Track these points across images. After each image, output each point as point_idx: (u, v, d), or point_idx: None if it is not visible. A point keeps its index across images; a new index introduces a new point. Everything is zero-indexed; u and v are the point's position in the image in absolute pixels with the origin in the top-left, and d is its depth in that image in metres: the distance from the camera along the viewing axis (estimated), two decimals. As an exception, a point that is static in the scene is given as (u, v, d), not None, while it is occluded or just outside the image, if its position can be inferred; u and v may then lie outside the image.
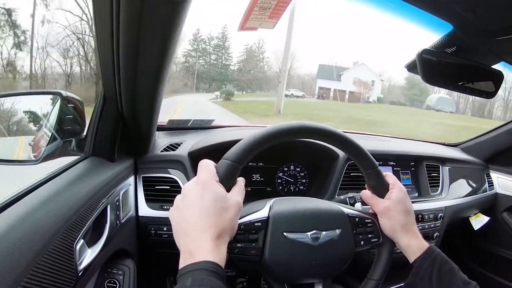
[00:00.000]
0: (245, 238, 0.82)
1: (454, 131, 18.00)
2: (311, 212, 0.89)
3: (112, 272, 1.11)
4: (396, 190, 0.94)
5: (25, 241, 0.67)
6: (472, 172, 2.10)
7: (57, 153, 1.06)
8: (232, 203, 0.72)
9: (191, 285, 0.60)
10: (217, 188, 0.72)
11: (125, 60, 0.92)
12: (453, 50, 0.90)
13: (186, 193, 0.73)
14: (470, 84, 0.95)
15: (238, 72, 60.77)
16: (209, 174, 0.74)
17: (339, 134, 0.89)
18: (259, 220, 0.84)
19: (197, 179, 0.74)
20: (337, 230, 0.87)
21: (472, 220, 2.04)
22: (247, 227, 0.83)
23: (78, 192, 0.92)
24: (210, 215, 0.69)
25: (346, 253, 0.89)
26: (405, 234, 0.91)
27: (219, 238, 0.68)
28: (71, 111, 1.08)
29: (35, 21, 22.72)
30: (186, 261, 0.65)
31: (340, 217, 0.90)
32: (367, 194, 0.97)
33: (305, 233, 0.84)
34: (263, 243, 0.83)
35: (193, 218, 0.70)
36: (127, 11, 0.77)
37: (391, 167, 1.79)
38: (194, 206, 0.70)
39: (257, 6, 0.79)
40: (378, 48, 59.59)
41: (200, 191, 0.71)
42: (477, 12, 0.70)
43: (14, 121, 1.18)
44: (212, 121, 1.85)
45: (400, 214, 0.91)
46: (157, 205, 1.37)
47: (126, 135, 1.23)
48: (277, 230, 0.84)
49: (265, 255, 0.82)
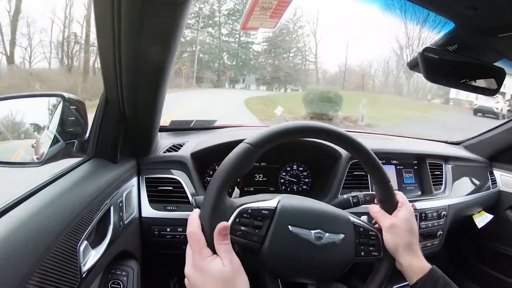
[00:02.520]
0: (249, 223, 0.82)
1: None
2: (319, 212, 0.89)
3: (116, 273, 1.11)
4: (405, 208, 0.94)
5: (29, 243, 0.68)
6: (475, 170, 2.10)
7: (59, 155, 1.06)
8: (231, 272, 0.73)
9: None
10: (212, 265, 0.73)
11: (127, 61, 0.92)
12: (455, 48, 0.90)
13: (190, 280, 0.75)
14: (473, 81, 0.95)
15: (265, 56, 47.94)
16: (200, 251, 0.75)
17: (359, 143, 0.90)
18: (267, 209, 0.84)
19: (192, 263, 0.75)
20: (341, 234, 0.87)
21: (475, 218, 2.04)
22: (254, 212, 0.82)
23: (81, 193, 0.92)
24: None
25: (345, 260, 0.89)
26: (408, 253, 0.90)
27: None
28: (74, 113, 1.08)
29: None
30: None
31: (346, 223, 0.90)
32: (375, 209, 0.97)
33: (309, 230, 0.84)
34: (266, 231, 0.82)
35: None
36: (128, 13, 0.77)
37: (394, 166, 1.79)
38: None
39: (258, 6, 0.79)
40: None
41: (201, 277, 0.73)
42: (478, 9, 0.70)
43: (16, 124, 1.18)
44: (215, 121, 1.85)
45: (405, 232, 0.91)
46: (161, 205, 1.37)
47: (129, 136, 1.23)
48: (282, 222, 0.84)
49: (266, 244, 0.82)
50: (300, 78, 49.40)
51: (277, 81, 48.77)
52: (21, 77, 18.49)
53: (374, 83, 42.87)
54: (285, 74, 48.70)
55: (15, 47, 21.76)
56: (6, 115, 1.16)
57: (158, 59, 0.93)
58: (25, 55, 23.51)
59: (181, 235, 1.35)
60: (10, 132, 1.16)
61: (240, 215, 0.81)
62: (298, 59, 49.98)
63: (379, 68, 42.33)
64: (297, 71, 49.81)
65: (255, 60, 49.95)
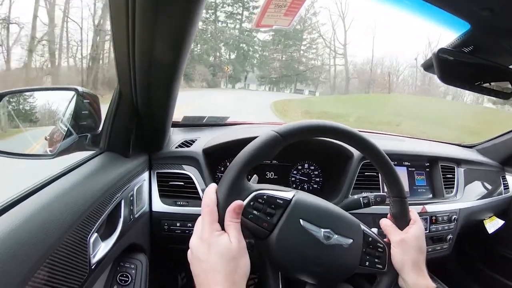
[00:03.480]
0: (263, 208, 0.81)
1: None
2: (332, 212, 0.89)
3: (125, 266, 1.12)
4: (416, 226, 0.94)
5: (40, 234, 0.68)
6: (488, 174, 2.07)
7: (72, 148, 1.08)
8: (236, 250, 0.73)
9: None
10: (219, 240, 0.73)
11: (141, 56, 0.93)
12: (470, 50, 0.89)
13: (193, 251, 0.76)
14: (487, 84, 0.94)
15: (272, 50, 43.23)
16: (210, 224, 0.75)
17: (386, 157, 0.91)
18: (282, 199, 0.84)
19: (200, 235, 0.75)
20: (350, 239, 0.86)
21: (486, 223, 2.01)
22: (269, 199, 0.82)
23: (92, 186, 0.93)
24: (220, 268, 0.71)
25: (348, 265, 0.88)
26: (414, 271, 0.89)
27: (234, 284, 0.70)
28: (87, 107, 1.09)
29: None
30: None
31: (357, 230, 0.89)
32: (386, 222, 0.96)
33: (319, 228, 0.84)
34: (277, 220, 0.82)
35: (204, 274, 0.72)
36: (142, 7, 0.77)
37: (406, 168, 1.77)
38: (202, 264, 0.73)
39: (273, 4, 0.79)
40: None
41: (205, 248, 0.73)
42: (494, 10, 0.69)
43: (31, 116, 1.20)
44: (227, 118, 1.86)
45: (414, 250, 0.90)
46: (171, 200, 1.38)
47: (141, 131, 1.24)
48: (295, 214, 0.83)
49: (275, 233, 0.81)
50: (315, 77, 45.24)
51: (286, 80, 44.38)
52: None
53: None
54: (298, 71, 44.16)
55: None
56: (21, 108, 1.18)
57: (172, 54, 0.93)
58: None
59: (190, 230, 1.35)
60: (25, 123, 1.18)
61: (255, 199, 0.82)
62: (311, 53, 45.36)
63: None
64: (311, 68, 45.22)
65: (260, 53, 44.42)
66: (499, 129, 2.17)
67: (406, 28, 46.44)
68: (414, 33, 44.54)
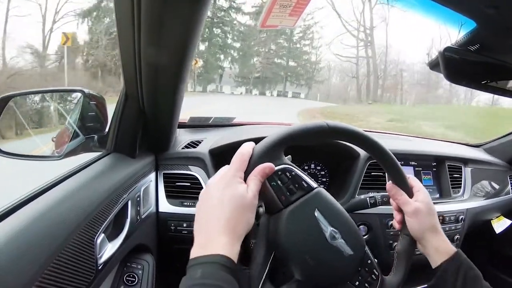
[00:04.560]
0: (287, 183, 0.82)
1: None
2: (346, 219, 0.88)
3: (132, 266, 1.13)
4: (423, 192, 0.94)
5: (47, 234, 0.69)
6: (495, 174, 2.06)
7: (79, 149, 1.09)
8: (249, 202, 0.72)
9: (201, 277, 0.61)
10: (238, 186, 0.73)
11: (147, 57, 0.93)
12: (476, 48, 0.89)
13: (209, 187, 0.75)
14: (494, 83, 0.93)
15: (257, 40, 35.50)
16: (235, 169, 0.76)
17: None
18: (308, 183, 0.84)
19: (221, 175, 0.75)
20: (351, 250, 0.86)
21: (493, 223, 2.00)
22: (296, 177, 0.83)
23: (99, 187, 0.93)
24: (227, 210, 0.70)
25: (340, 274, 0.87)
26: (434, 235, 0.90)
27: (234, 233, 0.69)
28: (93, 108, 1.10)
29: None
30: (197, 252, 0.66)
31: (361, 246, 0.88)
32: (396, 191, 0.95)
33: (329, 225, 0.84)
34: (295, 199, 0.82)
35: (210, 211, 0.71)
36: (148, 9, 0.77)
37: (413, 167, 1.77)
38: (213, 200, 0.72)
39: (278, 4, 0.79)
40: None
41: (222, 186, 0.72)
42: (500, 8, 0.69)
43: (38, 118, 1.21)
44: (233, 118, 1.86)
45: (429, 215, 0.91)
46: (178, 201, 1.39)
47: (148, 132, 1.25)
48: (313, 202, 0.83)
49: (287, 210, 0.81)
50: (311, 77, 38.37)
51: (274, 80, 36.46)
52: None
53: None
54: (289, 68, 36.50)
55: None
56: (28, 110, 1.19)
57: (178, 56, 0.94)
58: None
59: (197, 231, 1.35)
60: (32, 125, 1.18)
61: (284, 170, 0.82)
62: (304, 45, 38.07)
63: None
64: (304, 65, 38.25)
65: (242, 42, 35.56)
66: None
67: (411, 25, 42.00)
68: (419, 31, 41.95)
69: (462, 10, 0.74)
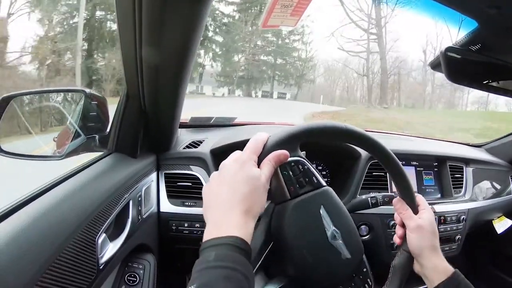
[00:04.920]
0: (298, 175, 0.83)
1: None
2: (350, 222, 0.88)
3: (133, 266, 1.13)
4: (428, 211, 0.94)
5: (49, 234, 0.69)
6: (496, 174, 2.06)
7: (80, 149, 1.09)
8: (262, 185, 0.73)
9: (215, 260, 0.61)
10: (252, 168, 0.73)
11: (148, 57, 0.93)
12: (477, 48, 0.89)
13: (222, 169, 0.75)
14: (495, 83, 0.93)
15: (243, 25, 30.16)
16: (250, 154, 0.76)
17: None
18: (318, 180, 0.85)
19: (236, 157, 0.75)
20: (349, 254, 0.85)
21: (495, 223, 1.99)
22: (307, 172, 0.84)
23: (101, 187, 0.93)
24: (241, 192, 0.69)
25: (333, 275, 0.85)
26: (433, 255, 0.89)
27: (247, 214, 0.69)
28: (95, 108, 1.10)
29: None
30: (211, 234, 0.66)
31: (359, 252, 0.88)
32: (401, 205, 0.94)
33: (332, 224, 0.84)
34: (303, 193, 0.82)
35: (223, 192, 0.71)
36: (149, 9, 0.78)
37: (414, 167, 1.77)
38: (226, 181, 0.71)
39: (279, 4, 0.79)
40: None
41: (235, 168, 0.72)
42: (501, 8, 0.69)
43: (40, 118, 1.21)
44: (234, 118, 1.86)
45: (430, 234, 0.90)
46: (179, 201, 1.39)
47: (149, 132, 1.25)
48: (320, 198, 0.84)
49: (293, 202, 0.81)
50: (300, 75, 34.23)
51: (257, 81, 31.96)
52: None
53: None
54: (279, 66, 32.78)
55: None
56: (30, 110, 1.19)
57: (179, 54, 0.94)
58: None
59: (198, 230, 1.36)
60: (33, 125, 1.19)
61: (297, 162, 0.83)
62: (296, 40, 33.25)
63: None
64: (293, 63, 34.15)
65: (225, 35, 30.49)
66: None
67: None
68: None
69: (463, 10, 0.74)
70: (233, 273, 0.60)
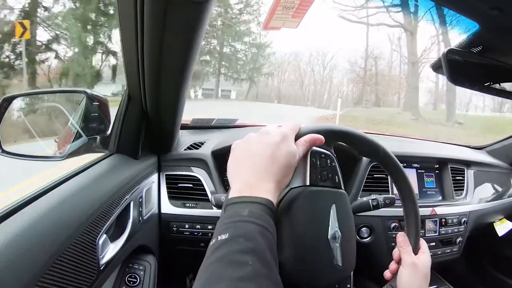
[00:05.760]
0: (324, 168, 0.84)
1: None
2: (353, 232, 0.89)
3: (133, 267, 1.13)
4: (427, 255, 0.93)
5: (49, 234, 0.69)
6: (498, 176, 2.05)
7: (82, 150, 1.09)
8: (296, 163, 0.74)
9: (249, 215, 0.61)
10: (292, 144, 0.74)
11: (149, 59, 0.94)
12: (479, 50, 0.89)
13: (265, 133, 0.75)
14: (497, 85, 0.93)
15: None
16: (291, 131, 0.77)
17: (418, 213, 0.92)
18: (340, 181, 0.86)
19: (280, 130, 0.76)
20: (341, 262, 0.83)
21: (496, 226, 1.99)
22: (334, 168, 0.86)
23: (102, 188, 0.94)
24: (280, 162, 0.70)
25: (316, 277, 0.83)
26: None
27: (278, 184, 0.70)
28: (96, 109, 1.10)
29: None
30: (241, 192, 0.66)
31: (351, 264, 0.87)
32: (403, 239, 0.94)
33: (337, 226, 0.83)
34: (322, 186, 0.83)
35: (264, 156, 0.71)
36: (151, 11, 0.78)
37: (415, 169, 1.76)
38: (268, 148, 0.72)
39: (281, 6, 0.79)
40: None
41: (279, 139, 0.73)
42: (503, 10, 0.69)
43: (41, 119, 1.21)
44: (236, 120, 1.86)
45: (422, 277, 0.89)
46: (180, 202, 1.39)
47: (150, 133, 1.25)
48: (334, 197, 0.84)
49: (309, 190, 0.81)
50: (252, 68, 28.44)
51: (198, 76, 25.80)
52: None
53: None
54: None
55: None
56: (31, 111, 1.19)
57: (181, 56, 0.94)
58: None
59: (199, 232, 1.36)
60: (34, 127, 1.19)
61: (327, 156, 0.85)
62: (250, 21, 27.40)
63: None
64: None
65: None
66: None
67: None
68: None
69: (465, 12, 0.74)
70: (267, 233, 0.60)
